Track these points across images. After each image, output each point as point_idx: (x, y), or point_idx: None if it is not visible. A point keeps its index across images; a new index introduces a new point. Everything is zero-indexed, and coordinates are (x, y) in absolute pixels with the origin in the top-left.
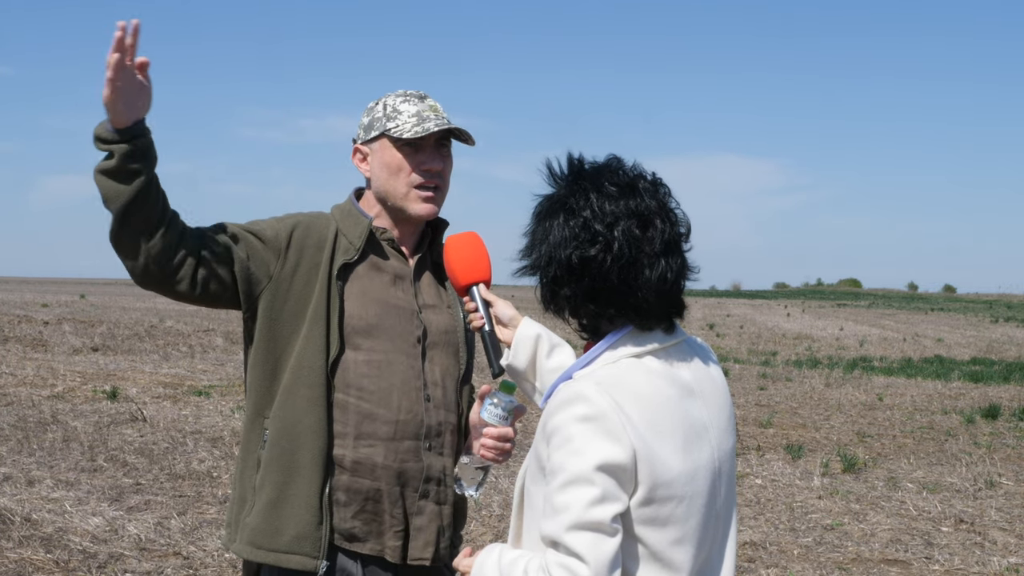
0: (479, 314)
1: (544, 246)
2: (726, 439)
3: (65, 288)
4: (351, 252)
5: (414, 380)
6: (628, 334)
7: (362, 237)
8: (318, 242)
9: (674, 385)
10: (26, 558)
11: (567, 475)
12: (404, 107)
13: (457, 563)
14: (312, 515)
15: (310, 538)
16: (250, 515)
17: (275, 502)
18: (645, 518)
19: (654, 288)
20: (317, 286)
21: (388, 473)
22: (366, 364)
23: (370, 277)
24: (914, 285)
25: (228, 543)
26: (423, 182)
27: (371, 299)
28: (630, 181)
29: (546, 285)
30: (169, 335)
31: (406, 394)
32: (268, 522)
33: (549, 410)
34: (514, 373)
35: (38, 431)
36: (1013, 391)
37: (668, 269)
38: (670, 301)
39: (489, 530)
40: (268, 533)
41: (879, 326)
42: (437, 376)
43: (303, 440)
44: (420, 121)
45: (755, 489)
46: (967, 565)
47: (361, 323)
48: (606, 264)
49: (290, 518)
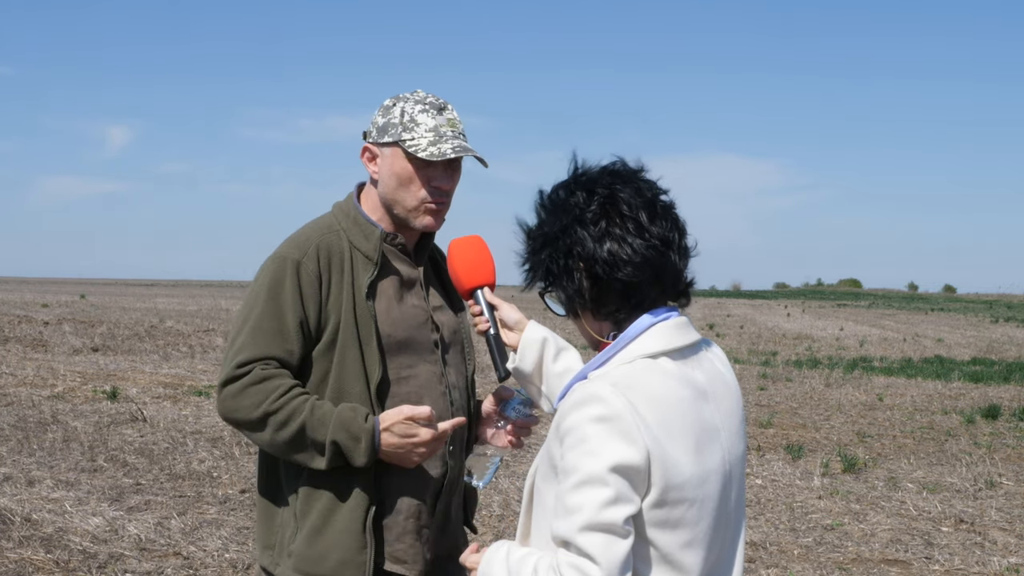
0: (484, 318)
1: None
2: (737, 443)
3: (65, 288)
4: (370, 268)
5: (439, 387)
6: (643, 335)
7: (377, 251)
8: (339, 263)
9: (688, 387)
10: (26, 558)
11: (581, 475)
12: (422, 119)
13: (464, 559)
14: (354, 540)
15: (353, 563)
16: (295, 542)
17: (320, 528)
18: (657, 520)
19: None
20: (343, 308)
21: (423, 485)
22: (396, 382)
23: (390, 291)
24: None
25: (271, 567)
26: (431, 200)
27: (397, 314)
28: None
29: (566, 275)
30: (169, 335)
31: (434, 402)
32: (312, 548)
33: (563, 410)
34: (520, 376)
35: (38, 431)
36: (1013, 391)
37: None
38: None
39: (489, 530)
40: (313, 560)
41: (879, 326)
42: (454, 378)
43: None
44: (437, 139)
45: (755, 489)
46: (967, 565)
47: (392, 341)
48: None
49: (335, 544)
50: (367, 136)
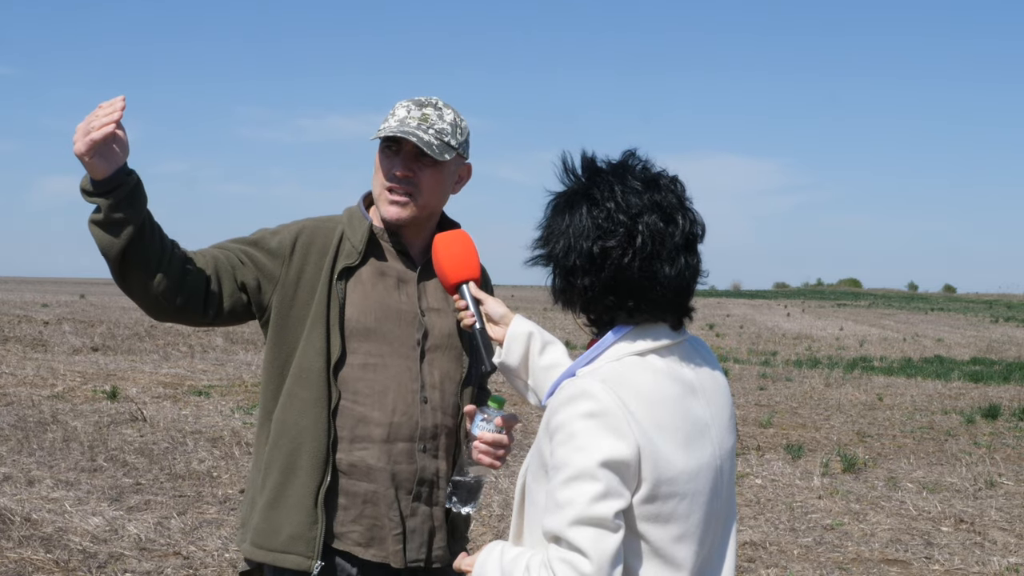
0: (469, 312)
1: (564, 236)
2: (727, 437)
3: (65, 288)
4: (353, 256)
5: (410, 382)
6: (632, 331)
7: (363, 240)
8: (323, 247)
9: (677, 383)
10: (26, 558)
11: (571, 471)
12: (399, 111)
13: (458, 563)
14: (306, 516)
15: (304, 538)
16: (253, 516)
17: (273, 503)
18: (648, 515)
19: (673, 283)
20: (319, 290)
21: (383, 475)
22: (361, 367)
23: (372, 281)
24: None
25: (239, 543)
26: (391, 186)
27: (371, 303)
28: (652, 177)
29: (562, 276)
30: (169, 335)
31: (401, 396)
32: (268, 522)
33: (552, 407)
34: (506, 371)
35: (38, 431)
36: (1013, 391)
37: (687, 266)
38: (686, 298)
39: (489, 530)
40: (267, 533)
41: (879, 326)
42: (436, 379)
43: (301, 442)
44: (399, 126)
45: (755, 489)
46: (967, 565)
47: (359, 326)
48: (628, 255)
49: (286, 519)
50: None
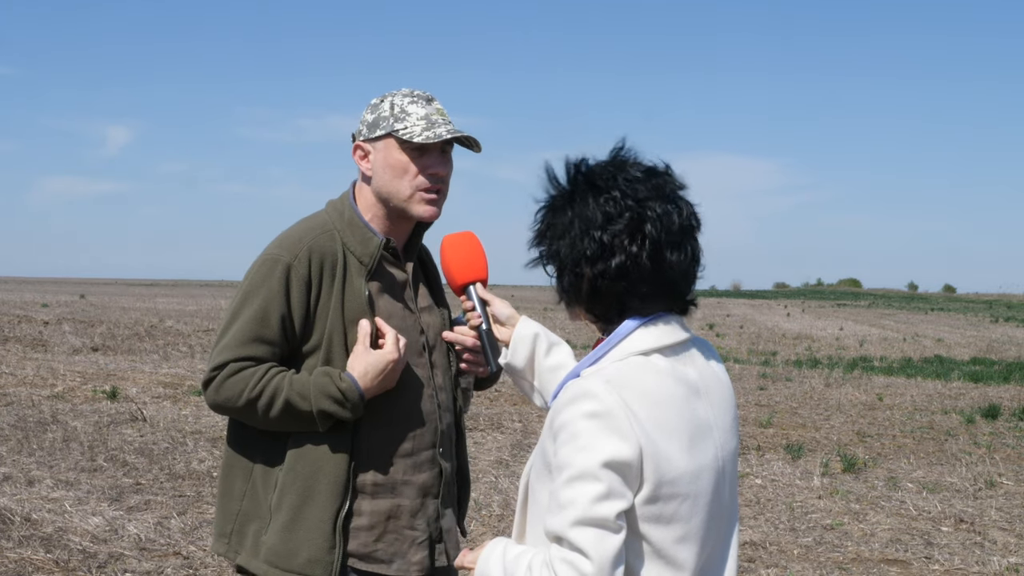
0: (476, 313)
1: (570, 229)
2: (730, 439)
3: (65, 288)
4: (364, 274)
5: (427, 390)
6: (637, 331)
7: (374, 257)
8: (331, 269)
9: (681, 384)
10: (26, 558)
11: (573, 471)
12: (412, 109)
13: (460, 560)
14: (324, 539)
15: (322, 562)
16: (267, 534)
17: (290, 524)
18: (650, 516)
19: (682, 266)
20: (331, 311)
21: (410, 488)
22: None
23: (381, 294)
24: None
25: (231, 554)
26: (428, 186)
27: (385, 318)
28: (649, 166)
29: (570, 269)
30: (169, 335)
31: (421, 406)
32: (284, 543)
33: (556, 407)
34: (512, 372)
35: (38, 431)
36: (1013, 391)
37: (691, 251)
38: (690, 285)
39: (489, 530)
40: (284, 555)
41: (879, 326)
42: (440, 380)
43: (320, 466)
44: (430, 126)
45: (755, 489)
46: (967, 565)
47: None
48: (637, 240)
49: (304, 541)
50: (357, 136)
